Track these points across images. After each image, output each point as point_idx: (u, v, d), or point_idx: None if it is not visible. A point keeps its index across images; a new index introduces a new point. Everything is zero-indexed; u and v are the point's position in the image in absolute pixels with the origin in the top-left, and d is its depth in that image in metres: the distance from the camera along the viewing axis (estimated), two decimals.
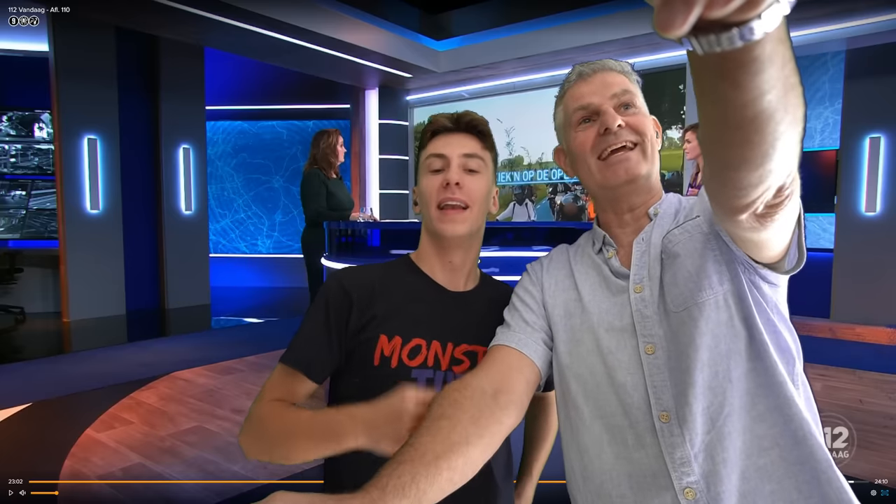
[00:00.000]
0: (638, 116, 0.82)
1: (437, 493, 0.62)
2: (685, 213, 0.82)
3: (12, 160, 6.37)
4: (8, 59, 6.25)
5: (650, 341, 0.74)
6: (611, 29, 5.50)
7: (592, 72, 0.85)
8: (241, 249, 8.23)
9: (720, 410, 0.68)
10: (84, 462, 2.47)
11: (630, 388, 0.74)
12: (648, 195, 0.85)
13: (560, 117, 0.90)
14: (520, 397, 0.77)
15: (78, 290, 5.60)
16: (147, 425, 2.91)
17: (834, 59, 6.01)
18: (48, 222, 6.26)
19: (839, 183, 5.61)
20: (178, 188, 6.47)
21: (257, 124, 8.08)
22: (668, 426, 0.70)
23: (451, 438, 0.65)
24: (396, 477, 0.59)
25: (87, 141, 5.59)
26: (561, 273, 0.90)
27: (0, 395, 3.38)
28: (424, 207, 0.96)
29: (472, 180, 0.94)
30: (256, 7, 4.90)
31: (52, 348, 4.81)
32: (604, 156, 0.81)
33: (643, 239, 0.83)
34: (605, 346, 0.77)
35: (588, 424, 0.77)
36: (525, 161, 7.06)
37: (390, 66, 6.56)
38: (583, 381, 0.78)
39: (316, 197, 3.66)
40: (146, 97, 6.28)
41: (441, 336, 0.92)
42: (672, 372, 0.72)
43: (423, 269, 0.99)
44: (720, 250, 0.74)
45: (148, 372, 3.89)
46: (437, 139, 0.97)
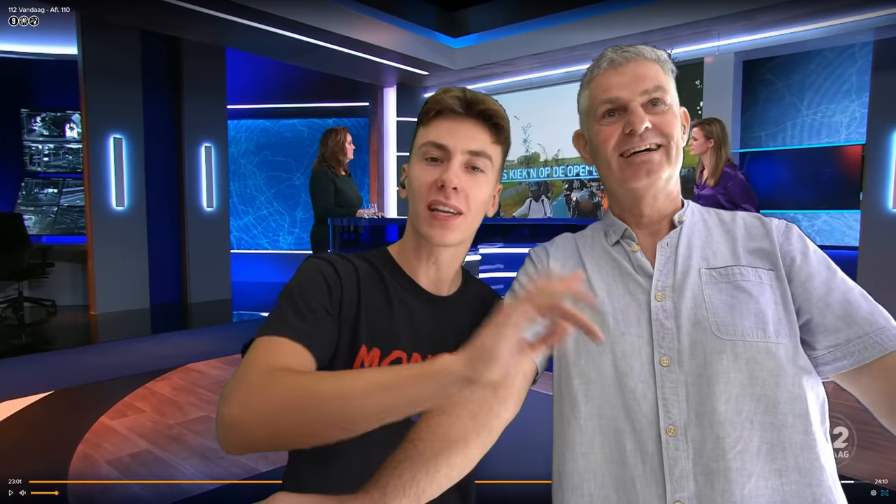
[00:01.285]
0: (666, 116, 0.79)
1: (435, 490, 0.62)
2: (741, 242, 0.80)
3: (45, 159, 6.66)
4: (41, 62, 6.53)
5: (666, 354, 0.73)
6: (626, 24, 5.44)
7: (625, 60, 0.80)
8: (262, 245, 8.40)
9: (734, 445, 0.67)
10: (95, 447, 2.60)
11: (639, 396, 0.73)
12: (668, 199, 0.84)
13: (584, 103, 0.86)
14: (518, 390, 0.76)
15: (104, 285, 5.82)
16: (158, 414, 3.03)
17: (862, 50, 5.82)
18: (78, 219, 6.52)
19: (865, 179, 5.44)
20: (200, 185, 6.65)
21: (279, 122, 8.24)
22: (675, 440, 0.70)
23: (449, 436, 0.66)
24: (397, 476, 0.59)
25: (112, 140, 5.80)
26: (569, 263, 0.87)
27: (26, 383, 3.56)
28: (412, 201, 0.84)
29: (474, 183, 0.82)
30: (275, 9, 5.02)
31: (79, 339, 5.02)
32: (626, 154, 0.79)
33: (668, 244, 0.81)
34: (619, 349, 0.76)
35: (582, 423, 0.76)
36: (541, 158, 7.03)
37: (408, 65, 6.62)
38: (587, 379, 0.77)
39: (324, 194, 3.73)
40: (169, 97, 6.47)
41: (421, 347, 0.84)
42: (689, 389, 0.71)
43: (405, 268, 0.89)
44: (789, 318, 0.74)
45: (165, 363, 4.03)
46: (441, 121, 0.82)
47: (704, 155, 3.33)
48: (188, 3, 4.75)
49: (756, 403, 0.68)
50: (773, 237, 0.79)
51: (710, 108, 5.70)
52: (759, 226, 0.82)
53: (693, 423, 0.69)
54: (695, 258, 0.79)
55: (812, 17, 4.97)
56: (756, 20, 5.05)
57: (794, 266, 0.76)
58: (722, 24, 5.17)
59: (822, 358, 0.72)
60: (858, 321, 0.71)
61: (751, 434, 0.67)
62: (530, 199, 7.04)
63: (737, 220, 0.84)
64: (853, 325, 0.71)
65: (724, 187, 3.27)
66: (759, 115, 6.15)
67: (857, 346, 0.69)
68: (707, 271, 0.77)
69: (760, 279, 0.76)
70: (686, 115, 0.84)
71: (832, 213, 5.84)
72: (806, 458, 0.67)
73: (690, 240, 0.81)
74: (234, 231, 8.15)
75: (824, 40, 5.48)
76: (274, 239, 8.41)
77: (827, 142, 5.87)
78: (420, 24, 6.33)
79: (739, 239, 0.81)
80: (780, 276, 0.76)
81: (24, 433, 2.83)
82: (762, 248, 0.79)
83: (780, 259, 0.77)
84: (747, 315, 0.72)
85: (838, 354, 0.71)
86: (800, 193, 5.94)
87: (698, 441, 0.68)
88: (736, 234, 0.82)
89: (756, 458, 0.67)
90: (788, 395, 0.69)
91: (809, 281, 0.75)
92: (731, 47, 5.59)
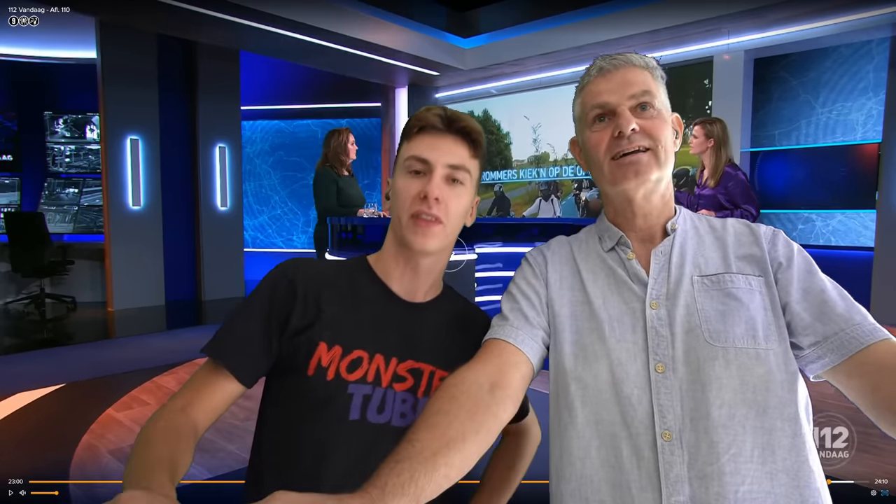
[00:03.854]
0: (654, 121, 0.81)
1: (434, 489, 0.62)
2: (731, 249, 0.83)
3: (67, 160, 6.88)
4: (64, 66, 6.75)
5: (661, 360, 0.75)
6: (634, 23, 5.41)
7: (613, 68, 0.83)
8: (277, 244, 8.54)
9: (727, 449, 0.69)
10: (100, 437, 2.70)
11: (635, 402, 0.74)
12: (662, 204, 0.86)
13: (577, 111, 0.89)
14: (515, 392, 0.77)
15: (121, 282, 5.99)
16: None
17: (879, 46, 5.68)
18: (97, 218, 6.72)
19: (881, 178, 5.32)
20: (215, 185, 6.80)
21: (293, 123, 8.37)
22: (670, 445, 0.71)
23: (447, 435, 0.66)
24: (395, 476, 0.59)
25: (129, 141, 5.97)
26: (566, 269, 0.88)
27: (40, 375, 3.70)
28: (396, 210, 0.89)
29: (454, 195, 0.88)
30: (288, 12, 5.11)
31: (97, 335, 5.19)
32: (616, 157, 0.81)
33: (661, 252, 0.83)
34: (616, 356, 0.77)
35: (579, 428, 0.77)
36: (551, 157, 7.03)
37: (418, 65, 6.67)
38: (584, 384, 0.78)
39: (327, 194, 3.80)
40: (185, 99, 6.63)
41: (385, 350, 0.86)
42: (683, 395, 0.73)
43: (379, 273, 0.93)
44: (778, 322, 0.76)
45: (174, 358, 4.14)
46: (423, 137, 0.88)
47: (705, 155, 3.31)
48: (203, 8, 4.87)
49: (748, 408, 0.70)
50: (762, 243, 0.82)
51: (719, 107, 5.63)
52: (748, 233, 0.85)
53: (687, 427, 0.71)
54: (687, 266, 0.81)
55: (824, 14, 4.88)
56: (766, 17, 4.98)
57: (779, 270, 0.80)
58: (731, 21, 5.11)
59: (808, 357, 0.74)
60: (835, 318, 0.73)
61: (743, 438, 0.69)
62: (540, 199, 7.04)
63: (727, 227, 0.87)
64: (829, 323, 0.73)
65: (724, 187, 3.25)
66: (773, 113, 6.05)
67: (835, 342, 0.72)
68: (699, 279, 0.80)
69: (750, 286, 0.78)
70: (678, 121, 0.86)
71: (847, 213, 5.72)
72: (794, 460, 0.69)
73: (683, 247, 0.83)
74: (250, 230, 8.31)
75: (839, 37, 5.37)
76: (288, 238, 8.54)
77: (842, 140, 5.75)
78: (430, 24, 6.37)
79: (730, 245, 0.83)
80: (770, 282, 0.79)
81: (34, 422, 2.95)
82: (752, 255, 0.82)
83: (768, 265, 0.80)
84: (738, 322, 0.74)
85: (819, 352, 0.73)
86: (814, 193, 5.83)
87: (693, 445, 0.70)
88: (727, 240, 0.84)
89: (749, 462, 0.69)
90: (778, 400, 0.71)
91: (791, 283, 0.78)
92: (742, 45, 5.51)
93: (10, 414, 3.03)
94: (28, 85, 6.85)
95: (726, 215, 2.74)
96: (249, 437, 0.92)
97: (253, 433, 0.90)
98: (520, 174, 7.28)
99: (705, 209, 3.30)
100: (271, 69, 7.96)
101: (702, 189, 3.37)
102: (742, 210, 3.21)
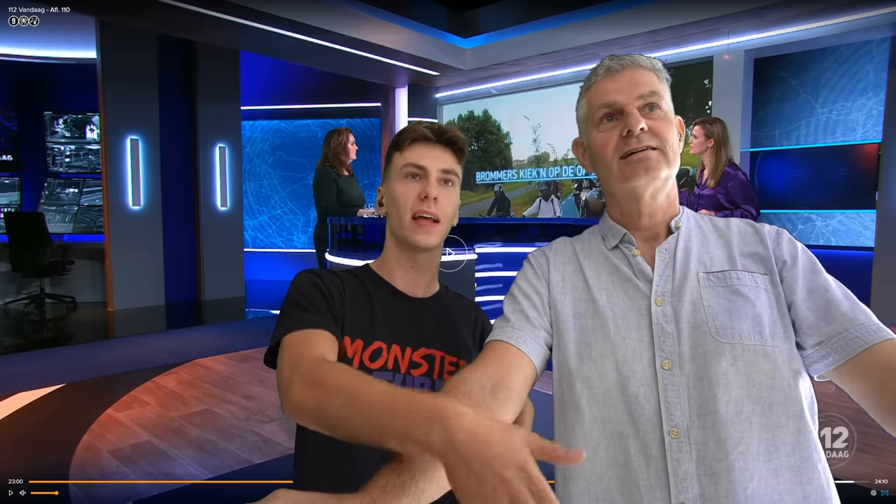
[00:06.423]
0: (662, 122, 0.82)
1: (435, 490, 0.62)
2: (736, 247, 0.83)
3: (67, 160, 6.88)
4: (64, 66, 6.75)
5: (668, 357, 0.75)
6: (634, 23, 5.41)
7: (621, 68, 0.84)
8: (277, 244, 8.54)
9: (736, 446, 0.69)
10: (99, 437, 2.70)
11: (642, 400, 0.74)
12: (667, 203, 0.86)
13: (583, 111, 0.89)
14: (518, 393, 0.77)
15: (121, 282, 5.99)
16: (161, 407, 3.13)
17: (879, 46, 5.68)
18: (97, 217, 6.72)
19: (881, 178, 5.32)
20: (215, 185, 6.80)
21: (293, 123, 8.36)
22: (678, 442, 0.71)
23: None
24: (396, 475, 0.59)
25: (129, 141, 5.97)
26: (568, 268, 0.88)
27: (40, 376, 3.70)
28: (396, 214, 0.98)
29: (447, 195, 0.98)
30: (287, 12, 5.10)
31: (97, 335, 5.19)
32: (625, 156, 0.81)
33: (666, 249, 0.83)
34: (621, 354, 0.77)
35: (587, 427, 0.77)
36: (551, 157, 7.03)
37: (418, 65, 6.66)
38: (590, 384, 0.78)
39: (326, 194, 3.80)
40: (184, 99, 6.63)
41: (400, 339, 0.95)
42: (691, 392, 0.73)
43: (384, 275, 1.03)
44: (784, 320, 0.77)
45: (174, 358, 4.14)
46: (416, 147, 0.98)
47: (704, 154, 3.30)
48: (203, 8, 4.87)
49: (754, 405, 0.70)
50: (767, 242, 0.82)
51: (719, 107, 5.63)
52: (752, 232, 0.85)
53: (695, 424, 0.71)
54: (692, 263, 0.81)
55: (824, 14, 4.88)
56: (766, 18, 4.98)
57: (784, 269, 0.80)
58: (731, 21, 5.11)
59: (812, 356, 0.74)
60: (839, 318, 0.73)
61: (751, 434, 0.69)
62: (540, 199, 7.04)
63: (731, 225, 0.87)
64: (833, 322, 0.73)
65: (724, 187, 3.25)
66: (773, 113, 6.05)
67: (839, 342, 0.72)
68: (705, 275, 0.80)
69: (756, 283, 0.78)
70: (681, 124, 0.87)
71: (847, 213, 5.72)
72: (798, 457, 0.70)
73: (688, 245, 0.83)
74: (250, 230, 8.30)
75: (839, 37, 5.37)
76: (288, 238, 8.54)
77: (842, 140, 5.75)
78: (430, 24, 6.37)
79: (735, 244, 0.83)
80: (775, 281, 0.79)
81: (34, 422, 2.95)
82: (757, 253, 0.82)
83: (773, 263, 0.80)
84: (745, 319, 0.74)
85: (823, 352, 0.73)
86: (814, 193, 5.83)
87: (701, 442, 0.70)
88: (731, 239, 0.84)
89: (756, 458, 0.69)
90: (783, 397, 0.71)
91: (796, 282, 0.78)
92: (741, 45, 5.51)
93: (10, 414, 3.03)
94: (28, 85, 6.85)
95: (726, 215, 2.74)
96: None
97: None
98: (520, 174, 7.28)
99: (705, 209, 3.30)
100: (271, 69, 7.95)
101: (702, 189, 3.37)
102: (742, 210, 3.21)
